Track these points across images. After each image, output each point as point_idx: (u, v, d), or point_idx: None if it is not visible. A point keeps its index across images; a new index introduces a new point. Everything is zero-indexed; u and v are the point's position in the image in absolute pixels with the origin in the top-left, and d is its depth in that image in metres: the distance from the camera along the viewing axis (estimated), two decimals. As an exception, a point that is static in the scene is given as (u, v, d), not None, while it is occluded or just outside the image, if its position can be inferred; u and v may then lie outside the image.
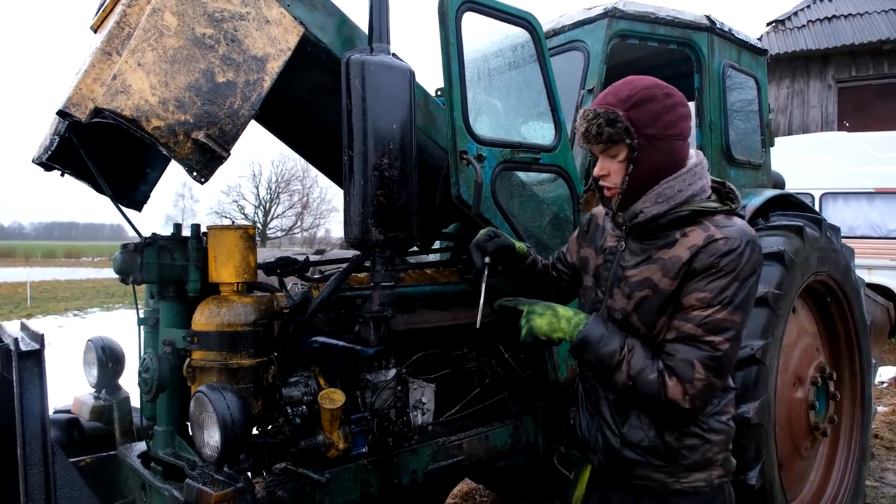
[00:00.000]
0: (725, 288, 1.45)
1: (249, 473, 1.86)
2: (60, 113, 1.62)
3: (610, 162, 1.55)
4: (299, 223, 41.56)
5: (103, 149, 2.14)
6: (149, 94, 1.62)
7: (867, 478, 3.47)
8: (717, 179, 1.64)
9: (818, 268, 2.95)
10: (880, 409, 5.55)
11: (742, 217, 1.62)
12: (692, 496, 1.56)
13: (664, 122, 1.49)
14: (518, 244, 1.88)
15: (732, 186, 1.62)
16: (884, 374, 6.67)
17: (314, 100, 2.32)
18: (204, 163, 1.69)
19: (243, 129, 1.77)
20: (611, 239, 1.69)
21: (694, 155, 1.59)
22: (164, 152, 1.65)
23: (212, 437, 1.68)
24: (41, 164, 2.09)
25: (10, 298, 17.08)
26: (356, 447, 1.97)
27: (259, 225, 36.88)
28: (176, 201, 41.70)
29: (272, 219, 40.04)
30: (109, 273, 2.43)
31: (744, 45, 3.39)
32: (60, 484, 1.55)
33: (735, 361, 1.50)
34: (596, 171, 1.58)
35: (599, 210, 1.81)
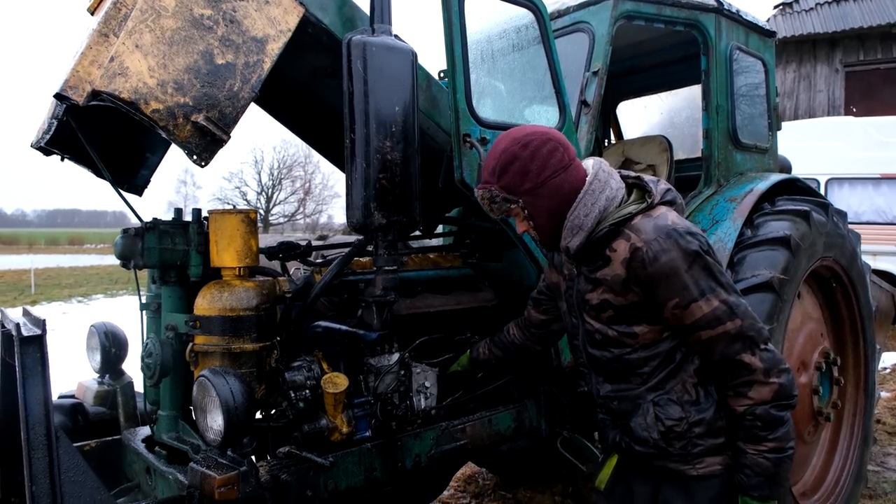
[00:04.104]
0: (686, 283, 1.48)
1: (253, 457, 1.87)
2: (58, 96, 1.59)
3: (518, 222, 1.66)
4: (302, 209, 41.59)
5: (103, 133, 2.12)
6: (147, 77, 1.60)
7: (869, 462, 3.47)
8: (630, 175, 1.65)
9: (824, 253, 2.92)
10: (883, 394, 5.55)
11: (671, 202, 1.61)
12: (711, 480, 1.58)
13: (533, 172, 1.55)
14: (458, 361, 2.31)
15: (645, 178, 1.63)
16: (887, 359, 6.66)
17: (315, 82, 2.30)
18: (204, 146, 1.66)
19: (243, 111, 1.74)
20: (569, 268, 1.75)
21: (590, 168, 1.60)
22: (164, 135, 1.63)
23: (215, 421, 1.68)
24: (40, 149, 2.08)
25: (14, 286, 17.14)
26: (360, 431, 1.97)
27: (261, 211, 36.91)
28: (178, 188, 41.77)
29: (274, 205, 40.07)
30: (113, 260, 2.42)
31: (752, 27, 3.34)
32: (64, 468, 1.55)
33: (754, 317, 1.53)
34: (517, 231, 1.71)
35: None
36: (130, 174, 2.39)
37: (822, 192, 8.36)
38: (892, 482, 3.83)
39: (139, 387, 2.27)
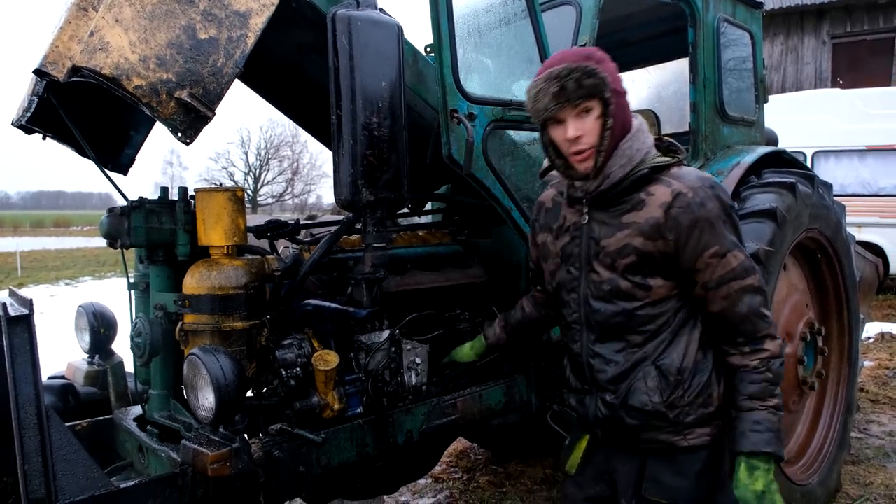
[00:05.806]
0: (724, 233, 1.51)
1: (246, 435, 1.88)
2: (37, 72, 1.56)
3: (583, 121, 1.48)
4: (290, 189, 41.30)
5: (85, 111, 2.08)
6: (128, 52, 1.56)
7: (852, 430, 3.55)
8: (654, 136, 1.66)
9: (810, 224, 2.95)
10: (867, 363, 5.65)
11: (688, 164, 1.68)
12: (699, 451, 1.58)
13: (620, 79, 1.52)
14: (469, 347, 2.24)
15: (669, 139, 1.64)
16: (871, 329, 6.78)
17: (301, 58, 2.26)
18: (188, 123, 1.64)
19: (228, 87, 1.72)
20: (571, 216, 1.66)
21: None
22: (147, 112, 1.61)
23: (206, 399, 1.68)
24: (21, 127, 2.04)
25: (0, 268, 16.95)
26: (351, 407, 1.99)
27: (249, 191, 36.61)
28: (164, 169, 41.30)
29: (262, 185, 39.75)
30: (100, 242, 2.39)
31: (739, -1, 3.32)
32: (56, 446, 1.55)
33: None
34: (570, 135, 1.49)
35: (545, 195, 1.81)
36: (115, 153, 2.36)
37: (808, 164, 8.40)
38: (874, 448, 3.92)
39: (129, 367, 2.27)
